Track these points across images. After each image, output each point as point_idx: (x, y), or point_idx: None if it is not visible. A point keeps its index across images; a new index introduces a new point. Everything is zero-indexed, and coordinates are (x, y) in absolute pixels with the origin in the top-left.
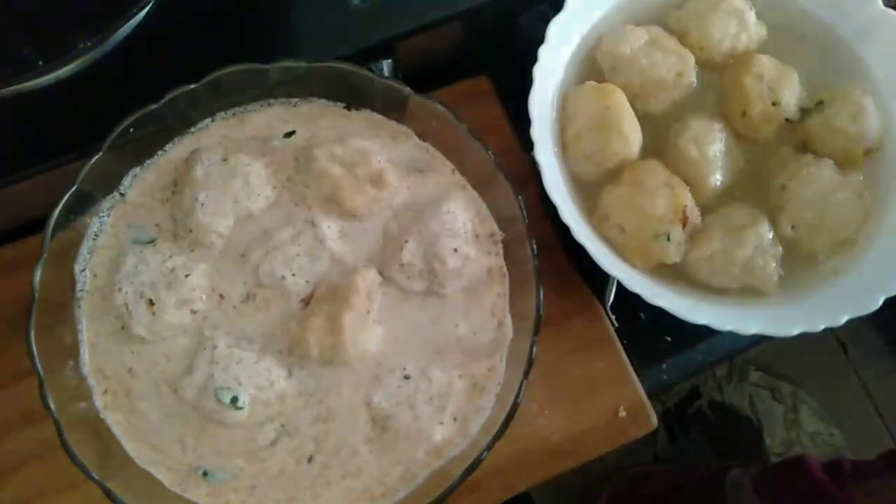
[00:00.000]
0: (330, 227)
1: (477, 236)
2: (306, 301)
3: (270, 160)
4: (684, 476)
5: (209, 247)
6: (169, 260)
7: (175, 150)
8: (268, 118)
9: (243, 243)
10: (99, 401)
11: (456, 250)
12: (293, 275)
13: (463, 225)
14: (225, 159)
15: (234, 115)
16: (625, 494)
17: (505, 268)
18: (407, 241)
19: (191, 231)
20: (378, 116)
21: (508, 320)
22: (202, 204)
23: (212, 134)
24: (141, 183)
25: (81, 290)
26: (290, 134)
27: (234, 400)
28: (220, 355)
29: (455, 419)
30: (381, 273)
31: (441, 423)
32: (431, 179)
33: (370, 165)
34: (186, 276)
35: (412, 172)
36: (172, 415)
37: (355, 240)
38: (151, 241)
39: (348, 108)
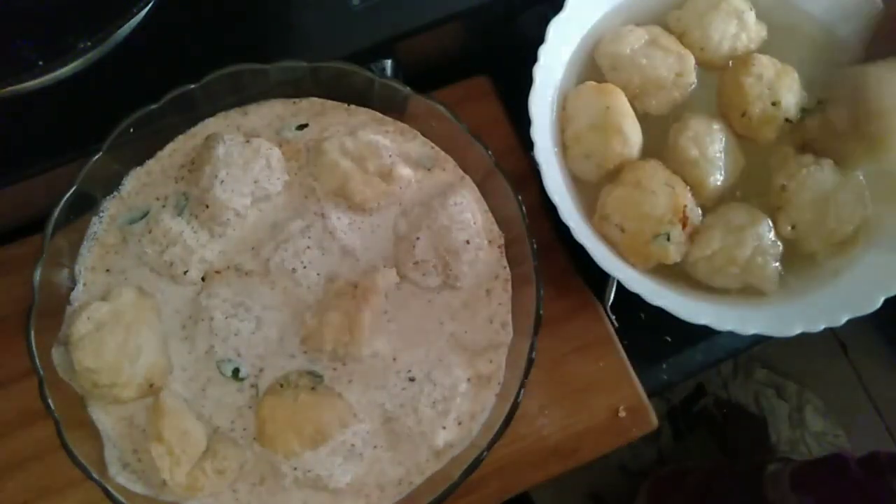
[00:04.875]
0: (340, 219)
1: (489, 241)
2: (318, 294)
3: (285, 150)
4: (723, 470)
5: (224, 224)
6: (171, 226)
7: (182, 142)
8: (271, 114)
9: (255, 237)
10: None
11: (468, 242)
12: (304, 267)
13: (472, 216)
14: (247, 141)
15: (235, 112)
16: (666, 489)
17: (508, 268)
18: (419, 238)
19: (207, 206)
20: (380, 115)
21: (510, 320)
22: (222, 181)
23: (216, 126)
24: (145, 172)
25: (81, 289)
26: (302, 126)
27: (236, 372)
28: (218, 327)
29: (460, 423)
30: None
31: (444, 428)
32: (437, 177)
33: (380, 159)
34: (185, 240)
35: (420, 168)
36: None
37: (366, 234)
38: (144, 216)
39: (348, 106)
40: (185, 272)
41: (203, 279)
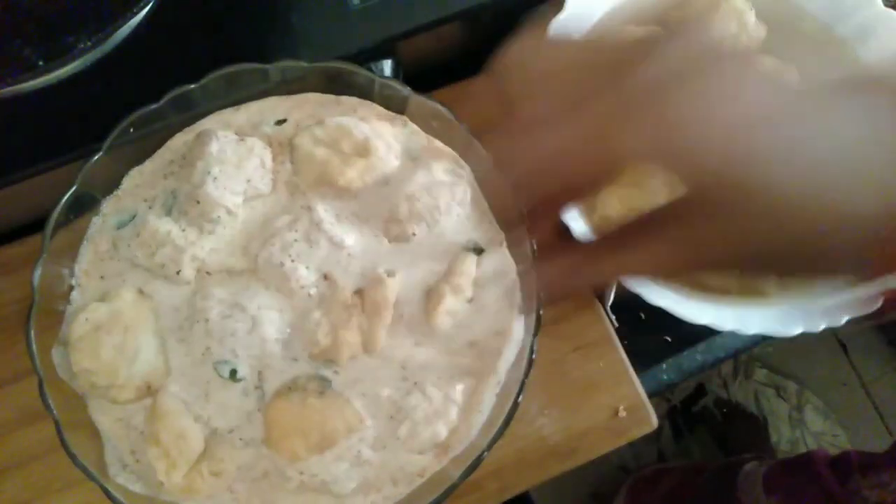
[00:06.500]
0: (326, 211)
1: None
2: (315, 295)
3: (275, 150)
4: (700, 470)
5: (214, 222)
6: (158, 226)
7: (177, 138)
8: (259, 110)
9: (246, 236)
10: (88, 399)
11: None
12: (292, 261)
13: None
14: (241, 139)
15: (228, 110)
16: (644, 490)
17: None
18: (415, 234)
19: (198, 202)
20: (368, 102)
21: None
22: (214, 178)
23: (209, 122)
24: (139, 172)
25: (80, 290)
26: (281, 122)
27: (234, 373)
28: (214, 328)
29: (460, 421)
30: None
31: (446, 424)
32: (434, 166)
33: (353, 137)
34: (174, 240)
35: (406, 158)
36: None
37: (354, 224)
38: (131, 219)
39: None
40: (178, 272)
41: (198, 279)
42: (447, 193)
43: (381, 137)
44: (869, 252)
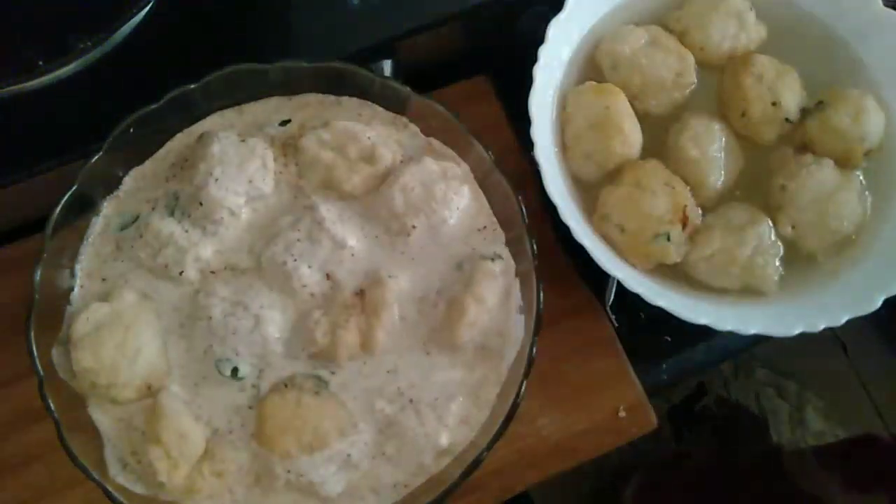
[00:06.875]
0: (329, 210)
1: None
2: (317, 294)
3: (274, 147)
4: (725, 457)
5: (217, 223)
6: (161, 227)
7: (178, 141)
8: (264, 111)
9: (249, 236)
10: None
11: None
12: (294, 260)
13: (469, 206)
14: (243, 140)
15: (231, 111)
16: (660, 477)
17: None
18: (415, 227)
19: (201, 204)
20: (369, 103)
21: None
22: (216, 179)
23: (212, 124)
24: (141, 173)
25: (81, 290)
26: (285, 122)
27: (235, 371)
28: (216, 326)
29: (461, 422)
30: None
31: (447, 427)
32: (426, 159)
33: (360, 143)
34: (177, 241)
35: (407, 158)
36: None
37: (356, 225)
38: (134, 221)
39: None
40: (181, 272)
41: (201, 278)
42: (441, 183)
43: (386, 145)
44: None
